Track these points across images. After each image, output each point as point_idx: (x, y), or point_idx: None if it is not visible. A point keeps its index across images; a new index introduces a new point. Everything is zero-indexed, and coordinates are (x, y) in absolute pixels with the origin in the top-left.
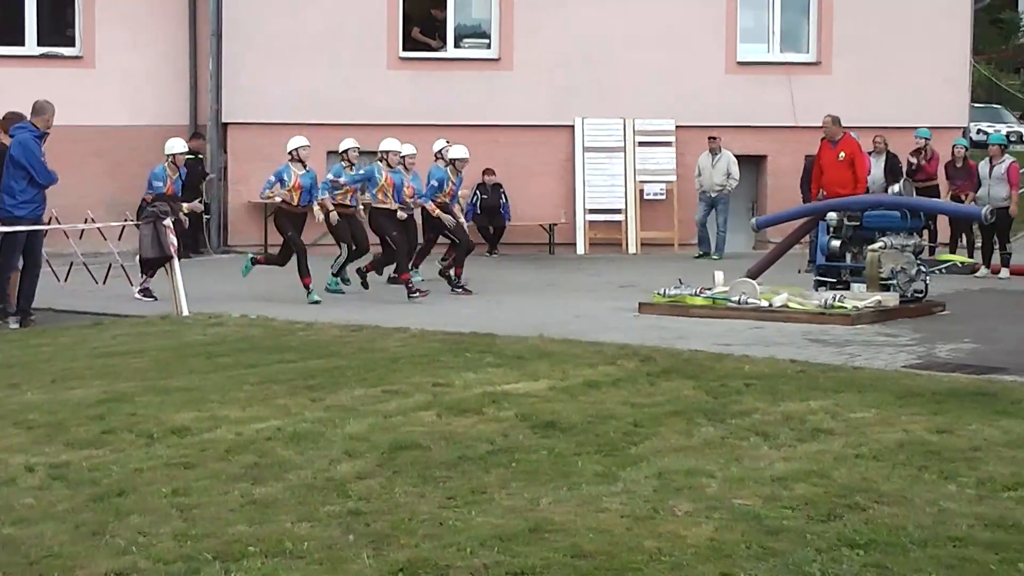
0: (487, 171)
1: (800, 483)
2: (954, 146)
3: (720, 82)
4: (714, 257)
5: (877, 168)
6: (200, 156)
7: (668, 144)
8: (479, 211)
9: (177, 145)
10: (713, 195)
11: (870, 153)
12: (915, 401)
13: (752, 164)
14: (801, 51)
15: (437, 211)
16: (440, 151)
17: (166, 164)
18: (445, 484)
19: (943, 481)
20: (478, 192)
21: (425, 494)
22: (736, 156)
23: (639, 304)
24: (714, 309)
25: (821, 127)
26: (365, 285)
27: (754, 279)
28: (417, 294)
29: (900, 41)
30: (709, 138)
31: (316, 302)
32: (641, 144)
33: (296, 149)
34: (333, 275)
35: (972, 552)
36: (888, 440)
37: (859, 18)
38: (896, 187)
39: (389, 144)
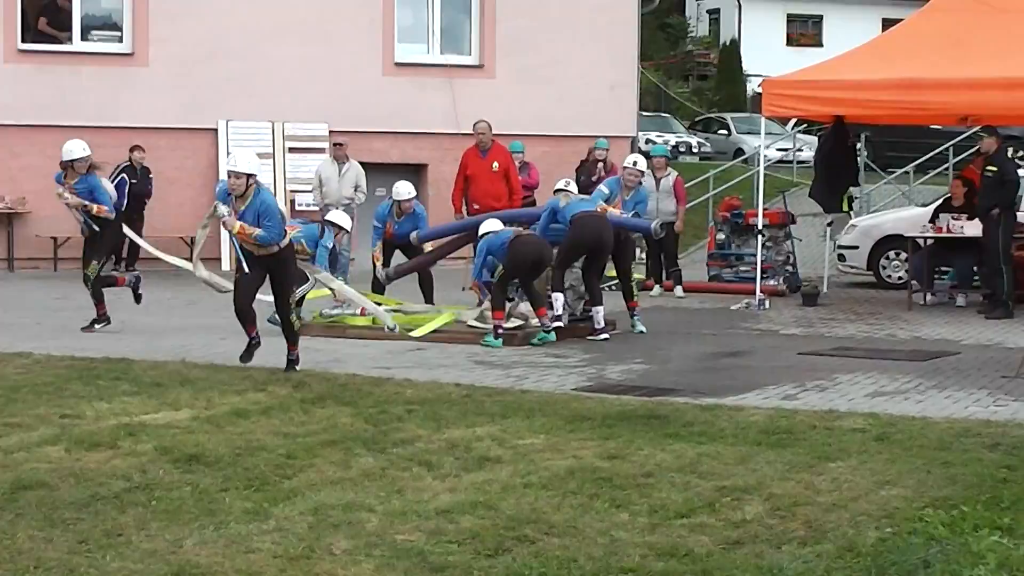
0: (135, 148)
1: (466, 515)
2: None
3: (377, 84)
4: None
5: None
6: None
7: (321, 150)
8: (129, 200)
9: None
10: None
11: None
12: (585, 425)
13: (412, 173)
14: (463, 52)
15: None
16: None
17: None
18: (75, 526)
19: (614, 509)
20: (125, 176)
21: (52, 538)
22: (395, 164)
23: None
24: (372, 330)
25: (474, 133)
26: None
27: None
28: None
29: (566, 45)
30: (334, 144)
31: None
32: (292, 150)
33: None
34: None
35: None
36: (558, 467)
37: (523, 19)
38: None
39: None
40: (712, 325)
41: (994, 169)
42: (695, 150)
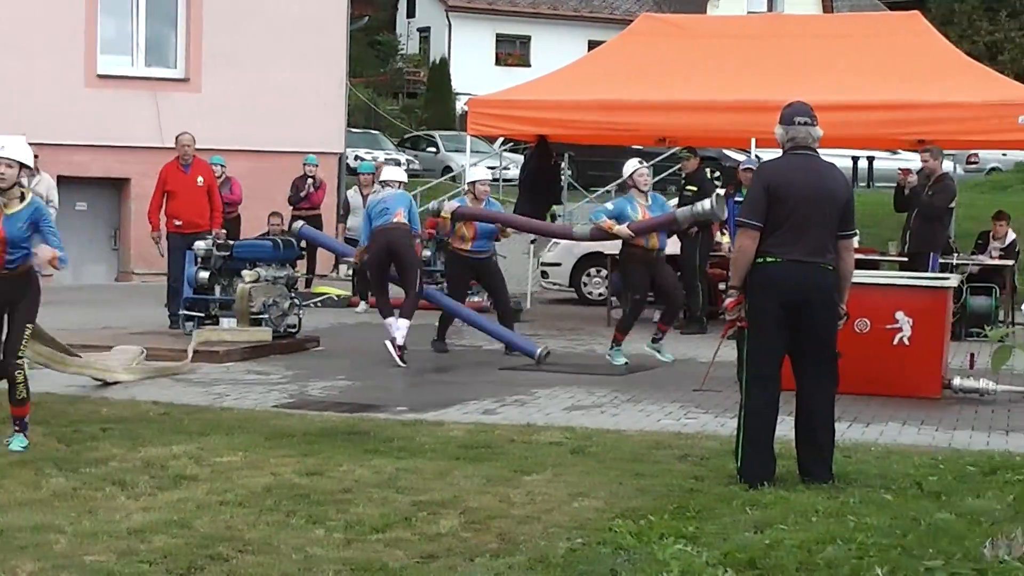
0: None
1: (159, 535)
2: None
3: (79, 96)
4: None
5: None
6: None
7: None
8: None
9: None
10: None
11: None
12: (286, 442)
13: (114, 187)
14: (168, 66)
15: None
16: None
17: None
18: None
19: (311, 526)
20: None
21: None
22: (97, 178)
23: None
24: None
25: (177, 146)
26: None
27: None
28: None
29: (274, 60)
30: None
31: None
32: None
33: (632, 174)
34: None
35: None
36: (256, 485)
37: (231, 34)
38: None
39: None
40: (416, 341)
41: (693, 188)
42: (404, 167)
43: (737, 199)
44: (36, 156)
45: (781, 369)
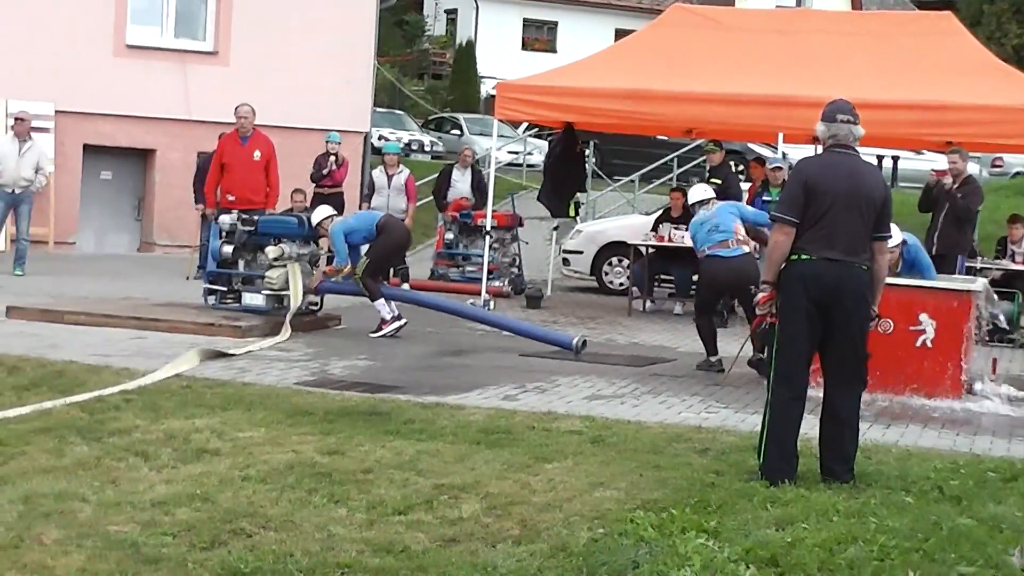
0: None
1: (182, 507)
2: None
3: (107, 65)
4: (16, 273)
5: (464, 183)
6: None
7: (47, 131)
8: None
9: None
10: (17, 192)
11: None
12: (306, 420)
13: (138, 158)
14: (197, 38)
15: None
16: None
17: None
18: None
19: (332, 505)
20: None
21: None
22: (123, 148)
23: (7, 308)
24: (92, 317)
25: (236, 117)
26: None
27: None
28: None
29: (303, 37)
30: (15, 119)
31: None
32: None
33: None
34: None
35: None
36: (277, 461)
37: (261, 8)
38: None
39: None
40: (436, 324)
41: (718, 181)
42: (427, 149)
43: (765, 198)
44: (26, 120)
45: (809, 367)
